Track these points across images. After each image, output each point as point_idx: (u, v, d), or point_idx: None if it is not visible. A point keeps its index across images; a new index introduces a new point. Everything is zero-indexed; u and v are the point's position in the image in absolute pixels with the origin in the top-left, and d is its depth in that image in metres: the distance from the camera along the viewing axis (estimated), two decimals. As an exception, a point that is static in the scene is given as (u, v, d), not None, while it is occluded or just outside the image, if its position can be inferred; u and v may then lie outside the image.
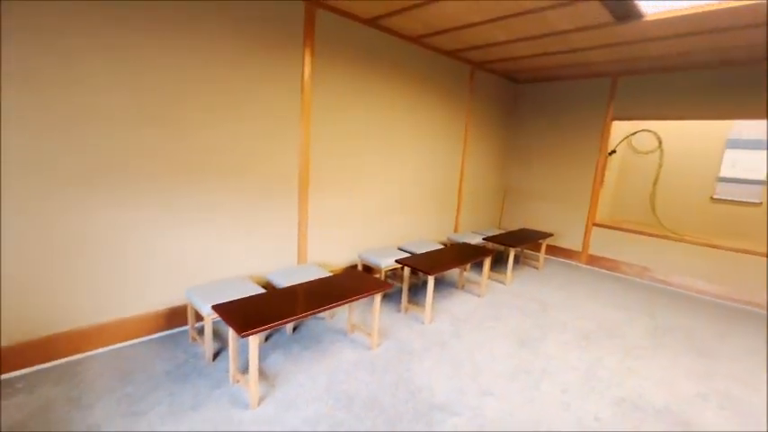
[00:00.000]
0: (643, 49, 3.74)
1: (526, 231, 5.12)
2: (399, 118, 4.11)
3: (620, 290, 4.41)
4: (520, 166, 5.99)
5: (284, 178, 3.24)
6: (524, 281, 4.49)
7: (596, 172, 5.17)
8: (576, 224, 5.41)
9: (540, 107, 5.69)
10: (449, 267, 3.29)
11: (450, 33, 3.72)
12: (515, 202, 6.09)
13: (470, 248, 4.00)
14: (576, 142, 5.34)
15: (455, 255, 3.71)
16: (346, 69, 3.50)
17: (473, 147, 5.27)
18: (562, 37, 3.58)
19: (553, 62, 4.51)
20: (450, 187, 5.04)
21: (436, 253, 3.72)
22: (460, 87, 4.83)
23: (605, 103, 5.03)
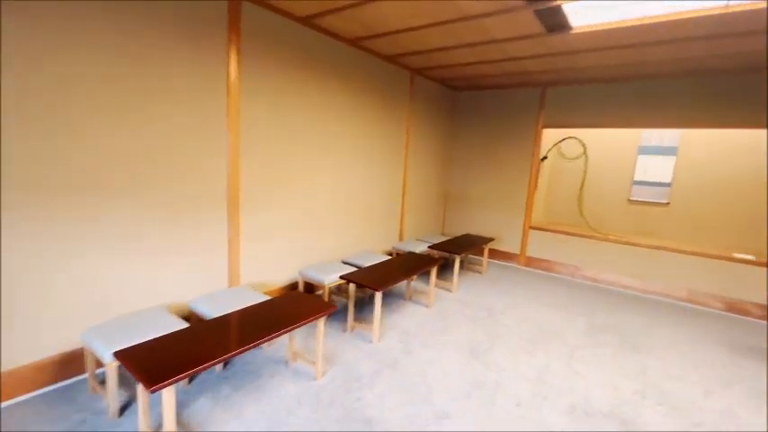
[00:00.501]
0: (572, 60, 3.93)
1: (469, 237, 5.17)
2: (340, 124, 3.90)
3: (556, 290, 4.60)
4: (460, 173, 6.08)
5: (210, 190, 2.84)
6: (470, 287, 4.49)
7: (531, 177, 5.39)
8: (515, 227, 5.59)
9: (477, 115, 5.82)
10: (397, 281, 3.13)
11: (389, 37, 3.60)
12: (457, 207, 6.16)
13: (417, 258, 3.89)
14: (511, 149, 5.54)
15: (402, 266, 3.57)
16: (280, 71, 3.20)
17: (414, 154, 5.22)
18: (499, 45, 3.63)
19: (490, 70, 4.61)
20: (393, 195, 4.92)
21: (383, 265, 3.55)
22: (401, 93, 4.74)
23: (536, 111, 5.28)
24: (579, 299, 4.34)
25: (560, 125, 5.14)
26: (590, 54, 3.71)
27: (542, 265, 5.41)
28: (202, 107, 2.71)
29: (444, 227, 6.32)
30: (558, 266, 5.28)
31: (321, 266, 3.51)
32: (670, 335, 3.51)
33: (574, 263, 5.16)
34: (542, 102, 5.21)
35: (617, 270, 4.87)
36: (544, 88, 5.18)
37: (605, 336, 3.40)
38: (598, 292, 4.62)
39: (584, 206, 5.68)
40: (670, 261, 4.53)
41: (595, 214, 5.63)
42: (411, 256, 3.95)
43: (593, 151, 5.59)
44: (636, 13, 2.81)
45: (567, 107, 5.04)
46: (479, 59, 4.16)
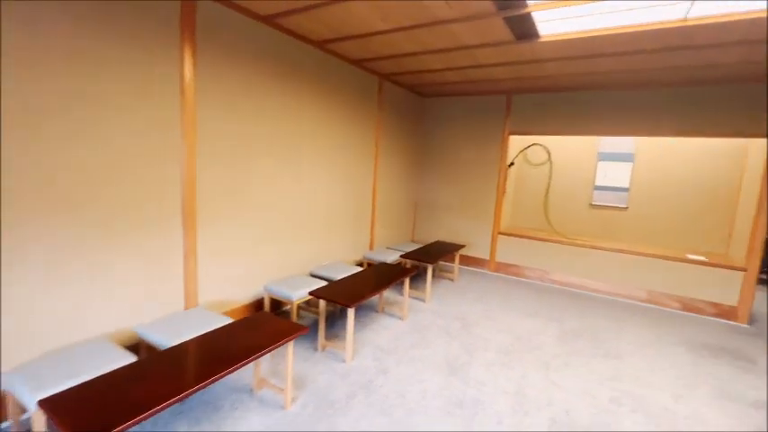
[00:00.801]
0: (539, 68, 3.99)
1: (440, 244, 5.12)
2: (307, 130, 3.70)
3: (527, 296, 4.64)
4: (430, 179, 6.05)
5: (162, 202, 2.56)
6: (443, 296, 4.42)
7: (499, 183, 5.44)
8: (484, 233, 5.62)
9: (445, 121, 5.82)
10: (369, 294, 2.98)
11: (358, 40, 3.47)
12: (427, 214, 6.11)
13: (389, 268, 3.76)
14: (479, 155, 5.57)
15: (374, 278, 3.43)
16: (242, 73, 2.98)
17: (384, 160, 5.10)
18: (469, 52, 3.60)
19: (458, 77, 4.59)
20: (363, 203, 4.78)
21: (354, 278, 3.39)
22: (370, 99, 4.62)
23: (503, 118, 5.34)
24: (550, 304, 4.39)
25: (526, 132, 5.23)
26: (555, 63, 3.77)
27: (512, 270, 5.46)
28: (152, 111, 2.43)
29: (415, 234, 6.25)
30: (527, 271, 5.34)
31: (289, 281, 3.29)
32: (636, 338, 3.60)
33: (542, 267, 5.25)
34: (508, 109, 5.28)
35: (583, 273, 4.99)
36: (509, 96, 5.26)
37: (578, 342, 3.42)
38: (566, 296, 4.70)
39: (550, 211, 5.82)
40: (631, 263, 4.70)
41: (560, 219, 5.78)
42: (383, 267, 3.81)
43: (557, 157, 5.74)
44: (599, 25, 2.86)
45: (531, 115, 5.14)
46: (448, 66, 4.13)
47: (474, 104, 5.54)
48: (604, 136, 4.93)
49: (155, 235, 2.55)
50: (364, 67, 4.34)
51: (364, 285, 3.19)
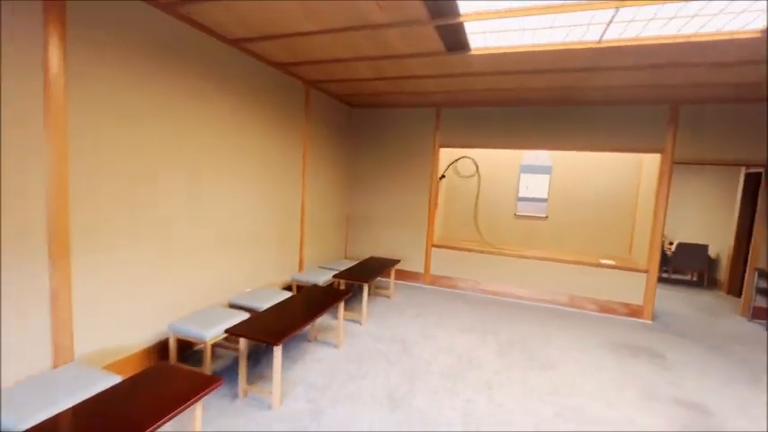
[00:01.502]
0: (469, 82, 4.02)
1: (375, 260, 4.90)
2: (222, 139, 3.23)
3: (462, 309, 4.61)
4: (362, 192, 5.83)
5: (17, 226, 1.94)
6: (380, 315, 4.19)
7: (431, 195, 5.42)
8: (418, 246, 5.54)
9: (375, 132, 5.67)
10: (299, 326, 2.61)
11: (280, 41, 3.13)
12: (360, 229, 5.87)
13: (321, 292, 3.42)
14: (411, 167, 5.50)
15: (305, 304, 3.06)
16: (134, 68, 2.45)
17: (313, 172, 4.76)
18: (400, 61, 3.47)
19: (388, 87, 4.47)
20: (290, 219, 4.37)
21: (282, 306, 2.98)
22: (296, 107, 4.27)
23: (433, 130, 5.35)
24: (484, 316, 4.40)
25: (455, 145, 5.30)
26: (485, 78, 3.83)
27: (446, 282, 5.44)
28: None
29: (348, 250, 5.96)
30: (461, 283, 5.37)
31: (201, 315, 2.77)
32: (563, 343, 3.72)
33: (474, 278, 5.31)
34: (438, 122, 5.32)
35: (511, 282, 5.14)
36: (439, 108, 5.29)
37: (514, 355, 3.41)
38: (498, 306, 4.78)
39: (480, 222, 5.96)
40: (553, 270, 4.95)
41: (489, 229, 5.95)
42: (314, 291, 3.46)
43: (484, 170, 5.92)
44: (526, 41, 2.92)
45: (460, 128, 5.22)
46: (379, 75, 3.97)
47: (405, 116, 5.49)
48: (527, 149, 5.19)
49: (8, 271, 1.91)
50: (289, 71, 3.99)
51: (293, 315, 2.81)
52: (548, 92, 4.23)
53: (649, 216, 4.79)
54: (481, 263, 5.26)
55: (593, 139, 4.67)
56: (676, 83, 3.64)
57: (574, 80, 3.73)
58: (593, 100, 4.47)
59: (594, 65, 3.27)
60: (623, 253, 5.44)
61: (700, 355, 3.66)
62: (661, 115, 4.40)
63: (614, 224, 5.45)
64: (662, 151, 4.44)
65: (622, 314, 4.69)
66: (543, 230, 5.76)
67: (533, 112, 4.89)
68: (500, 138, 5.04)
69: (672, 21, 2.44)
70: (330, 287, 3.60)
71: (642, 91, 3.98)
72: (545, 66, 3.36)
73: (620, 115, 4.55)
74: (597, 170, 5.48)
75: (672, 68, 3.25)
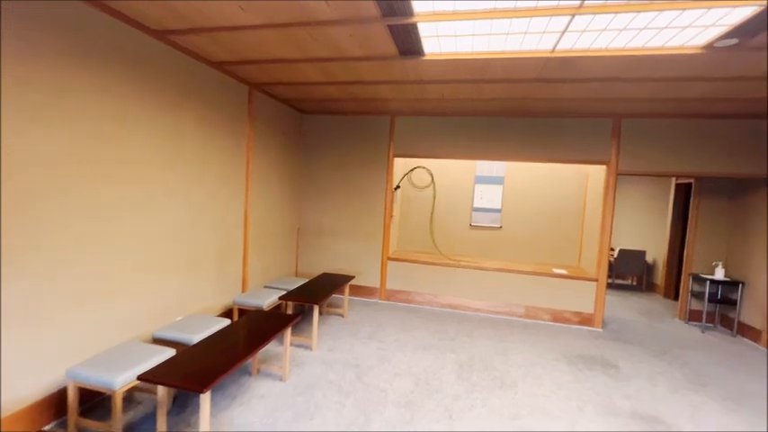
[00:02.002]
0: (422, 90, 3.87)
1: (328, 277, 4.57)
2: (149, 144, 2.78)
3: (419, 326, 4.41)
4: (314, 204, 5.49)
5: None
6: (332, 337, 3.86)
7: (386, 207, 5.22)
8: (373, 260, 5.29)
9: (328, 141, 5.39)
10: (236, 364, 2.24)
11: (212, 35, 2.78)
12: (312, 243, 5.51)
13: (266, 318, 3.04)
14: (365, 178, 5.28)
15: (246, 334, 2.68)
16: (32, 59, 1.99)
17: (259, 182, 4.36)
18: (350, 65, 3.24)
19: (340, 93, 4.23)
20: (232, 234, 3.93)
21: (217, 338, 2.58)
22: (238, 111, 3.88)
23: (387, 139, 5.17)
24: (441, 332, 4.23)
25: (409, 155, 5.16)
26: (439, 86, 3.71)
27: (402, 296, 5.23)
28: None
29: (299, 266, 5.56)
30: (417, 297, 5.18)
31: (113, 356, 2.30)
32: (522, 358, 3.63)
33: (430, 291, 5.15)
34: (392, 130, 5.15)
35: (468, 294, 5.04)
36: (393, 117, 5.13)
37: (475, 375, 3.25)
38: (455, 320, 4.64)
39: (435, 233, 5.84)
40: (508, 281, 4.92)
41: (445, 240, 5.85)
42: (258, 316, 3.07)
43: (439, 180, 5.84)
44: (481, 48, 2.82)
45: (415, 137, 5.09)
46: (329, 79, 3.71)
47: (359, 124, 5.26)
48: (481, 160, 5.17)
49: None
50: (229, 72, 3.61)
51: (229, 349, 2.42)
52: (501, 102, 4.21)
53: (596, 225, 4.93)
54: (438, 275, 5.12)
55: (544, 150, 4.73)
56: (619, 97, 3.75)
57: (526, 91, 3.72)
58: (544, 111, 4.53)
59: (546, 76, 3.25)
60: (573, 262, 5.58)
61: (647, 362, 3.73)
62: (605, 128, 4.56)
63: (564, 234, 5.58)
64: (607, 163, 4.58)
65: (575, 323, 4.75)
66: (498, 241, 5.77)
67: (487, 123, 4.88)
68: (454, 148, 4.97)
69: (622, 33, 2.44)
70: (277, 310, 3.23)
71: (588, 104, 4.08)
72: (499, 75, 3.30)
73: (568, 127, 4.65)
74: (547, 181, 5.60)
75: (616, 83, 3.32)
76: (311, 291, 3.90)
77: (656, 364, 3.69)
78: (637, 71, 3.02)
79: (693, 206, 5.21)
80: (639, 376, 3.40)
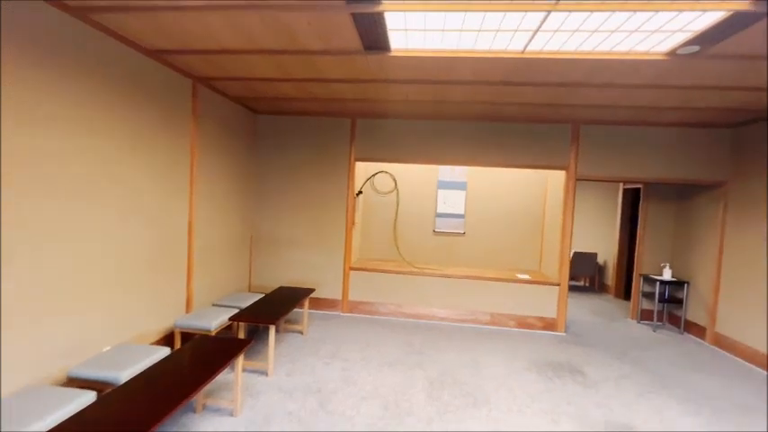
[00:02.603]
0: (386, 90, 3.66)
1: (285, 291, 4.19)
2: (63, 139, 2.30)
3: (384, 338, 4.17)
4: (270, 211, 5.08)
5: None
6: (291, 360, 3.50)
7: (347, 213, 4.94)
8: (335, 270, 4.98)
9: (286, 143, 5.02)
10: (174, 406, 1.85)
11: (142, 15, 2.37)
12: (268, 253, 5.09)
13: (213, 344, 2.65)
14: (325, 183, 4.97)
15: (188, 367, 2.28)
16: None
17: (206, 188, 3.91)
18: (308, 59, 2.95)
19: (299, 92, 3.90)
20: (173, 245, 3.46)
21: (150, 375, 2.16)
22: (180, 108, 3.43)
23: (348, 143, 4.91)
24: (408, 345, 4.01)
25: (371, 158, 4.93)
26: (404, 87, 3.52)
27: (365, 308, 4.96)
28: None
29: (253, 278, 5.11)
30: (382, 308, 4.94)
31: (16, 403, 1.81)
32: (494, 371, 3.50)
33: (395, 301, 4.93)
34: (353, 133, 4.89)
35: (434, 303, 4.88)
36: (354, 119, 4.88)
37: (446, 393, 3.05)
38: (423, 332, 4.45)
39: (399, 240, 5.64)
40: (474, 288, 4.83)
41: (409, 247, 5.67)
42: (204, 342, 2.66)
43: (402, 185, 5.65)
44: (450, 46, 2.66)
45: (377, 140, 4.87)
46: (284, 75, 3.39)
47: (318, 126, 4.95)
48: (445, 165, 5.06)
49: None
50: (168, 62, 3.17)
51: (165, 388, 2.02)
52: (466, 106, 4.11)
53: (556, 230, 4.99)
54: (402, 285, 4.92)
55: (507, 155, 4.71)
56: (581, 103, 3.78)
57: (492, 94, 3.64)
58: (508, 116, 4.50)
59: (513, 79, 3.17)
60: (535, 266, 5.62)
61: (611, 365, 3.75)
62: (565, 134, 4.62)
63: (526, 238, 5.61)
64: (566, 168, 4.65)
65: (539, 328, 4.74)
66: (461, 247, 5.69)
67: (451, 127, 4.78)
68: (418, 152, 4.82)
69: (593, 35, 2.38)
70: (227, 332, 2.84)
71: (551, 109, 4.09)
72: (466, 77, 3.17)
73: (530, 132, 4.67)
74: (508, 186, 5.61)
75: (579, 88, 3.32)
76: (266, 308, 3.52)
77: (619, 367, 3.73)
78: (601, 76, 3.01)
79: (642, 210, 5.45)
80: (606, 382, 3.39)
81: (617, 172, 4.60)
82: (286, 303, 3.71)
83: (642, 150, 4.56)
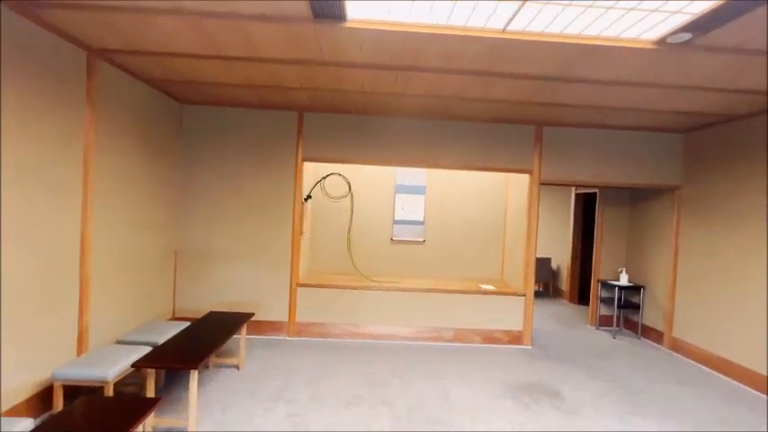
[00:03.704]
0: (338, 77, 3.11)
1: (217, 317, 3.44)
2: None
3: (340, 367, 3.58)
4: (198, 219, 4.26)
5: None
6: (222, 407, 2.78)
7: (294, 221, 4.29)
8: (279, 288, 4.29)
9: (219, 139, 4.25)
10: None
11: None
12: (197, 269, 4.26)
13: (105, 406, 1.90)
14: (268, 186, 4.28)
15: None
16: None
17: (110, 190, 3.06)
18: (238, 25, 2.32)
19: (231, 75, 3.22)
20: (56, 266, 2.59)
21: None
22: (70, 88, 2.61)
23: (294, 140, 4.28)
24: (369, 374, 3.46)
25: (322, 159, 4.34)
26: (359, 72, 2.99)
27: (316, 330, 4.32)
28: None
29: (178, 302, 4.25)
30: (335, 328, 4.33)
31: None
32: (465, 401, 3.04)
33: (350, 320, 4.35)
34: (300, 129, 4.27)
35: (394, 320, 4.38)
36: (302, 113, 4.27)
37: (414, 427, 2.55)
38: (384, 355, 3.92)
39: (354, 251, 5.07)
40: (436, 302, 4.40)
41: (364, 258, 5.12)
42: (93, 404, 1.90)
43: (357, 189, 5.10)
44: (420, 19, 2.19)
45: (328, 138, 4.30)
46: (212, 51, 2.72)
47: (258, 120, 4.26)
48: (403, 167, 4.62)
49: None
50: (48, 24, 2.36)
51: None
52: (429, 101, 3.69)
53: (518, 236, 4.75)
54: (358, 301, 4.36)
55: (471, 157, 4.37)
56: (547, 101, 3.52)
57: (458, 87, 3.24)
58: (472, 115, 4.15)
59: (485, 68, 2.79)
60: (496, 274, 5.35)
61: (585, 384, 3.49)
62: (529, 135, 4.39)
63: (487, 246, 5.32)
64: (530, 172, 4.41)
65: (505, 342, 4.43)
66: (421, 256, 5.26)
67: (411, 126, 4.34)
68: (375, 152, 4.32)
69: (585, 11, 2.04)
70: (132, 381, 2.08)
71: (516, 108, 3.80)
72: (433, 62, 2.73)
73: (493, 133, 4.37)
74: (468, 190, 5.30)
75: (549, 82, 3.03)
76: (189, 343, 2.77)
77: (593, 384, 3.47)
78: (580, 67, 2.72)
79: (599, 215, 5.42)
80: (585, 405, 3.08)
81: (581, 176, 4.45)
82: (216, 334, 2.98)
83: (603, 154, 4.45)
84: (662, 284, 4.72)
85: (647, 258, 5.01)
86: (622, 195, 5.39)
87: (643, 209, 5.14)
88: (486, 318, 4.42)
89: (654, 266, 4.88)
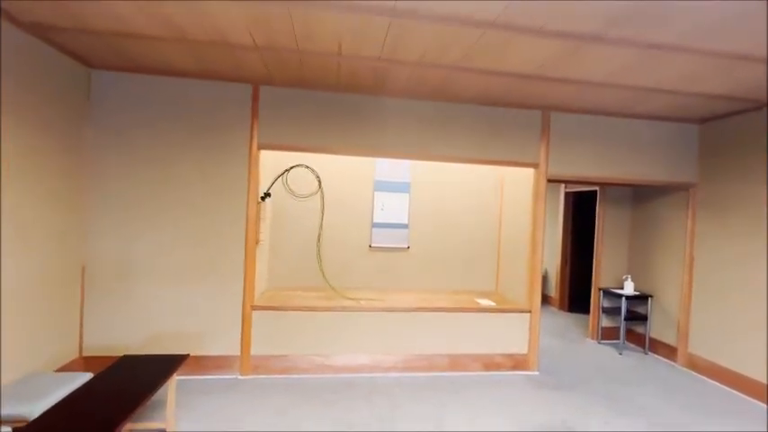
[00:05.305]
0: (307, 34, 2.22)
1: (134, 364, 2.43)
2: None
3: (307, 420, 2.69)
4: (116, 225, 3.19)
5: None
6: None
7: (247, 225, 3.33)
8: (227, 312, 3.32)
9: (145, 119, 3.21)
10: None
11: None
12: (111, 292, 3.19)
13: None
14: (212, 180, 3.30)
15: None
16: None
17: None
18: None
19: (153, 24, 2.24)
20: None
21: None
22: None
23: (248, 122, 3.33)
24: (347, 425, 2.60)
25: (283, 146, 3.42)
26: (335, 17, 2.12)
27: (277, 365, 3.39)
28: None
29: (86, 338, 3.16)
30: (300, 362, 3.42)
31: None
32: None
33: (321, 351, 3.46)
34: (255, 107, 3.33)
35: (374, 347, 3.54)
36: (257, 86, 3.33)
37: None
38: (363, 396, 3.07)
39: (325, 261, 4.15)
40: (427, 323, 3.62)
41: (338, 270, 4.22)
42: None
43: (329, 185, 4.19)
44: None
45: (291, 119, 3.39)
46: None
47: (198, 93, 3.27)
48: (384, 157, 3.81)
49: None
50: None
51: None
52: (419, 71, 2.89)
53: (516, 242, 4.08)
54: (330, 325, 3.48)
55: (467, 147, 3.63)
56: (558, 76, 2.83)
57: (463, 48, 2.46)
58: (470, 94, 3.39)
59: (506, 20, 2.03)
60: (490, 286, 4.63)
61: (612, 422, 2.84)
62: (535, 122, 3.71)
63: (479, 252, 4.60)
64: (536, 166, 3.73)
65: (508, 368, 3.72)
66: (405, 265, 4.44)
67: (397, 106, 3.53)
68: (350, 139, 3.46)
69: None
70: None
71: (521, 86, 3.09)
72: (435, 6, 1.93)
73: (494, 119, 3.65)
74: (458, 188, 4.56)
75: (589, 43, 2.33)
76: (83, 414, 1.78)
77: (623, 423, 2.83)
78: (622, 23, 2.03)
79: (599, 216, 4.87)
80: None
81: (591, 171, 3.83)
82: (131, 392, 2.01)
83: (610, 147, 3.86)
84: (672, 293, 4.22)
85: (655, 264, 4.50)
86: (623, 193, 4.88)
87: (647, 209, 4.64)
88: (486, 339, 3.70)
89: (662, 273, 4.38)
